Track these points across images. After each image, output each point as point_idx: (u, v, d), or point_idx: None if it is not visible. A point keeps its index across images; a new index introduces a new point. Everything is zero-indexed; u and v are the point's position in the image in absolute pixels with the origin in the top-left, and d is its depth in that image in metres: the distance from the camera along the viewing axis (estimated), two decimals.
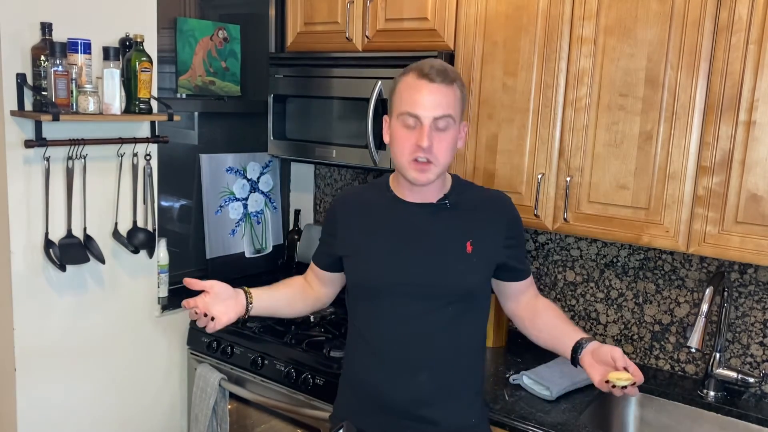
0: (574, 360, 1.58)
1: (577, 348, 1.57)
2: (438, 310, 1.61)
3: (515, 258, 1.70)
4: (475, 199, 1.68)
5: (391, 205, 1.67)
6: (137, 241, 2.28)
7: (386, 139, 1.64)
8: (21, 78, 1.96)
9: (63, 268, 2.08)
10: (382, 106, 2.29)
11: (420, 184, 1.57)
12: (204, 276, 2.71)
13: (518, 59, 2.06)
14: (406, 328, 1.62)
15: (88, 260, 2.14)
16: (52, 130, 2.01)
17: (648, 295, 2.22)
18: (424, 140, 1.50)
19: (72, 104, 1.99)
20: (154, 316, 2.44)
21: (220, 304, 1.61)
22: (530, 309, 1.75)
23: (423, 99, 1.51)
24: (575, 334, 1.61)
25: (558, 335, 1.65)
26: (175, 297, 2.53)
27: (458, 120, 1.56)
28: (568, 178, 2.00)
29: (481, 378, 1.77)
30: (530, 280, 1.77)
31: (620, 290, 2.27)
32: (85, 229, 2.16)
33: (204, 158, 2.68)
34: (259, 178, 2.88)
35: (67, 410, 2.23)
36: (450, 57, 2.19)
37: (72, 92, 1.98)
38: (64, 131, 2.05)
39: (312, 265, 1.85)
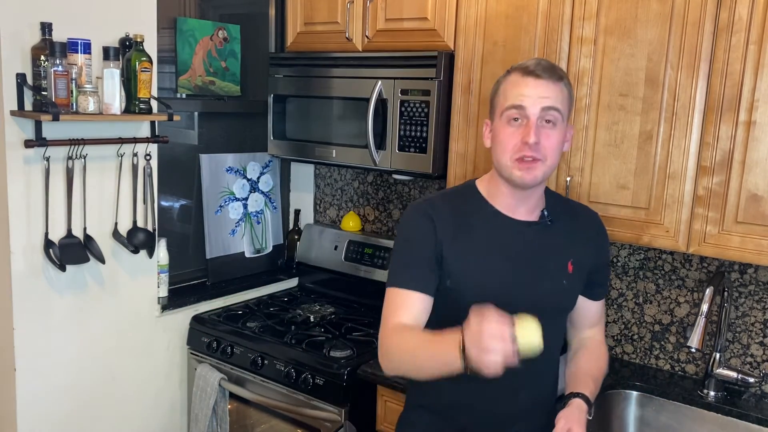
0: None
1: (567, 397, 1.57)
2: (545, 329, 1.58)
3: (601, 275, 1.68)
4: (569, 214, 1.63)
5: (493, 222, 1.53)
6: (137, 241, 2.28)
7: (487, 143, 1.54)
8: (21, 78, 1.96)
9: (63, 268, 2.08)
10: (382, 107, 2.29)
11: (526, 184, 1.47)
12: (204, 276, 2.73)
13: (518, 59, 2.05)
14: None
15: (88, 260, 2.14)
16: (52, 130, 2.01)
17: (648, 295, 2.22)
18: (530, 135, 1.40)
19: (72, 104, 1.99)
20: (154, 316, 2.44)
21: None
22: (579, 342, 1.73)
23: (530, 91, 1.42)
24: (578, 386, 1.58)
25: (570, 379, 1.63)
26: (175, 297, 2.53)
27: (566, 118, 1.48)
28: (568, 178, 2.00)
29: None
30: (602, 310, 1.73)
31: (620, 290, 2.27)
32: (85, 229, 2.16)
33: (204, 158, 2.67)
34: (259, 178, 2.88)
35: (67, 410, 2.23)
36: (450, 57, 2.19)
37: (72, 92, 1.98)
38: (64, 131, 2.05)
39: (414, 298, 1.47)
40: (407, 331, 1.43)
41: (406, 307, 1.47)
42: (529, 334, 1.23)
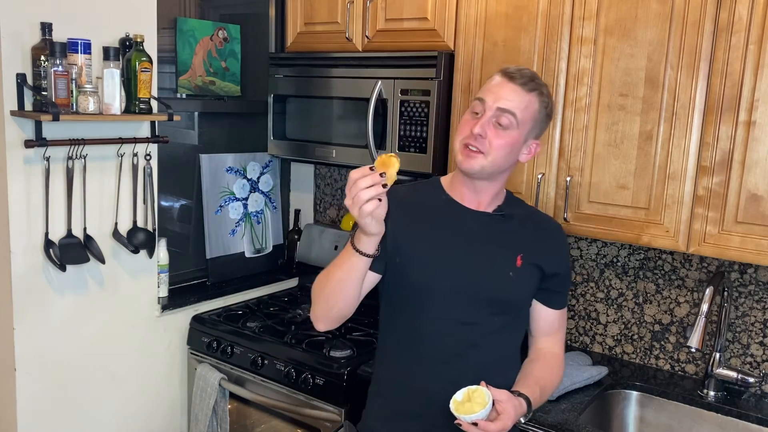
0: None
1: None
2: (485, 319, 1.58)
3: (558, 284, 1.67)
4: (528, 217, 1.67)
5: (446, 208, 1.62)
6: (137, 241, 2.28)
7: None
8: (21, 78, 1.96)
9: (63, 268, 2.08)
10: (382, 106, 2.29)
11: (466, 170, 1.55)
12: (204, 276, 2.72)
13: (518, 59, 2.06)
14: (452, 336, 1.58)
15: (88, 260, 2.14)
16: (52, 130, 2.01)
17: (648, 295, 2.22)
18: (477, 126, 1.49)
19: (72, 104, 1.99)
20: (154, 316, 2.44)
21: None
22: (535, 353, 1.70)
23: (496, 90, 1.51)
24: (524, 388, 1.57)
25: (518, 381, 1.62)
26: (175, 297, 2.53)
27: (526, 127, 1.52)
28: (568, 178, 2.00)
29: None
30: (560, 320, 1.70)
31: (620, 290, 2.27)
32: (85, 229, 2.16)
33: (204, 158, 2.67)
34: (259, 178, 2.88)
35: (67, 410, 2.23)
36: (450, 57, 2.19)
37: (72, 92, 1.98)
38: (64, 131, 2.05)
39: None
40: None
41: None
42: (386, 161, 1.38)
